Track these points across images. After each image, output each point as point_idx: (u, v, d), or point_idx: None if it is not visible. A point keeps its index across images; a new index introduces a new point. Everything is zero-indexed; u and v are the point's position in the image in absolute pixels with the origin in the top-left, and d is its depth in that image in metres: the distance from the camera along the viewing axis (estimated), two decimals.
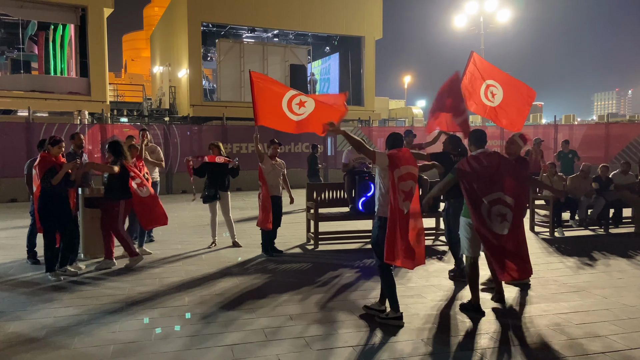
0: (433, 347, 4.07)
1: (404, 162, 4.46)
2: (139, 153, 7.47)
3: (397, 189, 4.39)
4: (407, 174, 4.44)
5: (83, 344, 4.11)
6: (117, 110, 25.45)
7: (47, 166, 5.89)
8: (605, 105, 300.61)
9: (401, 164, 4.44)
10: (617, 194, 9.13)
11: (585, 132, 21.06)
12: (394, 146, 4.67)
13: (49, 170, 5.87)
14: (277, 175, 7.29)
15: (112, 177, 6.49)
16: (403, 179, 4.41)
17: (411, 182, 4.45)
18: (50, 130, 14.10)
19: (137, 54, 65.15)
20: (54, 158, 5.99)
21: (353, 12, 25.78)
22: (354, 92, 27.18)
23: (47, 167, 5.88)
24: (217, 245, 7.87)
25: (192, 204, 12.73)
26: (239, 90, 24.69)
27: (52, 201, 5.94)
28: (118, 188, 6.52)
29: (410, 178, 4.44)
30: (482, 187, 4.66)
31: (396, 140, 4.72)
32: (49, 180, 5.83)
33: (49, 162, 5.92)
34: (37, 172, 5.92)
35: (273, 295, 5.39)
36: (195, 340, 4.21)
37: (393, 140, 4.73)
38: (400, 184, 4.40)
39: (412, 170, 4.48)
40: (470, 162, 4.79)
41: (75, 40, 21.39)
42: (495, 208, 4.63)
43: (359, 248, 7.74)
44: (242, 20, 24.11)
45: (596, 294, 5.43)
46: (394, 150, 4.60)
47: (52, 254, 6.02)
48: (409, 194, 4.43)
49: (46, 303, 5.15)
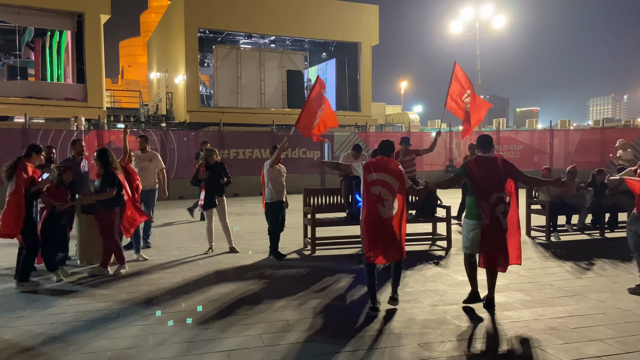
0: (430, 352, 4.07)
1: (378, 169, 4.93)
2: (123, 148, 7.29)
3: (369, 192, 4.91)
4: (378, 180, 4.90)
5: (79, 351, 4.10)
6: (114, 117, 25.43)
7: (28, 176, 5.91)
8: (600, 110, 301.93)
9: (374, 170, 4.93)
10: (612, 198, 9.17)
11: (581, 137, 21.14)
12: (382, 153, 5.11)
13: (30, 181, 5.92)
14: (282, 180, 7.44)
15: (105, 186, 6.47)
16: (373, 184, 4.89)
17: (380, 187, 4.89)
18: (46, 137, 14.09)
19: (134, 60, 65.17)
20: (31, 167, 6.02)
21: (350, 18, 25.89)
22: (350, 97, 27.26)
23: (28, 177, 5.91)
24: (214, 250, 7.86)
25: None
26: (236, 96, 24.72)
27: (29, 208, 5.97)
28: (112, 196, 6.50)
29: (379, 184, 4.89)
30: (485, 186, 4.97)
31: (386, 149, 5.13)
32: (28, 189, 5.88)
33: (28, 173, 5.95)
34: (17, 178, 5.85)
35: (270, 300, 5.39)
36: (192, 345, 4.20)
37: (382, 148, 5.15)
38: (371, 188, 4.90)
39: (384, 177, 4.91)
40: (473, 163, 5.11)
41: (72, 47, 21.41)
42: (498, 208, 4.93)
43: (356, 253, 7.74)
44: (239, 26, 24.18)
45: (592, 298, 5.45)
46: (374, 159, 5.10)
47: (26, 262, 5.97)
48: (379, 197, 4.88)
49: (42, 309, 5.13)
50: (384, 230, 4.90)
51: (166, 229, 10.02)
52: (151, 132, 16.98)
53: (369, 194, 4.92)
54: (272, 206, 7.36)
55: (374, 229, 4.89)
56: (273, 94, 25.66)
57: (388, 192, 4.91)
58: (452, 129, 21.73)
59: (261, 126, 21.23)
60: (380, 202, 4.88)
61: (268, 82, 25.52)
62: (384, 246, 4.90)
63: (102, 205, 6.50)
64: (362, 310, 5.07)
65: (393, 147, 5.17)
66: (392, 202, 4.93)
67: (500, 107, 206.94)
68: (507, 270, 5.04)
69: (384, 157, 5.07)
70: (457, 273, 6.41)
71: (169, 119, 25.71)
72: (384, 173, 4.93)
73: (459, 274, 6.36)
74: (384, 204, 4.88)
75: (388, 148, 5.13)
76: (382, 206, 4.88)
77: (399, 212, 4.98)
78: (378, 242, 4.89)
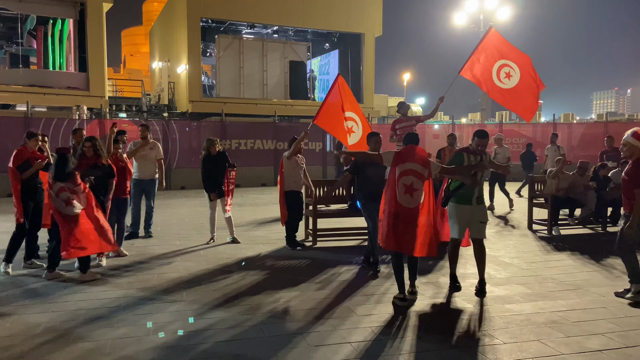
0: (431, 344, 4.08)
1: (410, 159, 4.96)
2: (108, 146, 6.90)
3: (398, 183, 4.90)
4: (410, 170, 4.92)
5: (81, 339, 4.12)
6: (116, 106, 25.40)
7: (21, 160, 6.05)
8: (604, 104, 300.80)
9: (406, 160, 4.96)
10: (614, 192, 9.14)
11: (584, 131, 21.07)
12: (409, 142, 5.16)
13: (23, 164, 6.03)
14: (299, 171, 7.50)
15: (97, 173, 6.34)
16: (405, 174, 4.91)
17: (412, 177, 4.91)
18: (48, 125, 14.08)
19: (136, 49, 65.03)
20: (30, 152, 6.14)
21: (353, 8, 25.72)
22: (353, 89, 26.99)
23: (21, 161, 6.05)
24: (215, 241, 7.87)
25: (192, 200, 12.73)
26: (238, 87, 24.64)
27: (27, 193, 6.09)
28: (106, 185, 6.46)
29: (411, 174, 4.91)
30: None
31: (413, 139, 5.22)
32: (20, 173, 5.99)
33: (23, 156, 6.09)
34: (12, 164, 6.03)
35: (271, 291, 5.40)
36: (192, 335, 4.21)
37: (409, 138, 5.23)
38: (402, 179, 4.90)
39: (414, 167, 4.93)
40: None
41: (74, 35, 21.33)
42: None
43: (357, 245, 7.74)
44: (242, 16, 24.04)
45: (593, 292, 5.45)
46: (403, 148, 5.14)
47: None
48: (409, 188, 4.89)
49: (44, 297, 5.14)
50: (405, 220, 4.87)
51: (168, 219, 10.03)
52: (153, 122, 16.94)
53: (399, 185, 4.89)
54: (287, 196, 7.39)
55: (395, 219, 4.86)
56: (275, 85, 25.58)
57: (419, 182, 4.93)
58: (454, 121, 21.66)
59: (263, 117, 21.18)
60: (409, 193, 4.89)
61: (270, 72, 25.42)
62: (400, 234, 4.87)
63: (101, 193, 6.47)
64: (363, 301, 5.08)
65: (418, 138, 5.29)
66: (421, 191, 4.95)
67: None
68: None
69: (412, 145, 5.11)
70: (458, 266, 6.39)
71: (171, 109, 25.66)
72: (414, 162, 4.96)
73: (460, 266, 6.35)
74: (412, 194, 4.90)
75: (414, 138, 5.22)
76: (411, 197, 4.89)
77: (425, 202, 4.97)
78: (396, 231, 4.86)
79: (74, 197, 5.66)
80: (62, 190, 5.63)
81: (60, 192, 5.63)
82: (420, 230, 4.94)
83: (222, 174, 7.75)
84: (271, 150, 17.23)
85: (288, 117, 23.88)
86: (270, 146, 17.30)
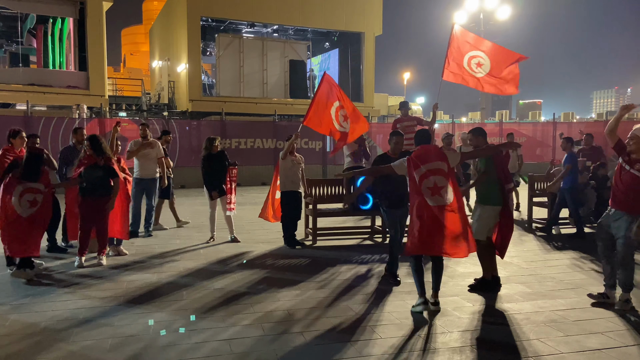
0: (430, 344, 4.09)
1: (425, 160, 4.72)
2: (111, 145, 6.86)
3: (421, 187, 4.67)
4: (428, 171, 4.68)
5: (81, 338, 4.12)
6: (116, 105, 25.41)
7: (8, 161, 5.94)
8: (604, 103, 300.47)
9: (422, 163, 4.71)
10: None
11: (584, 130, 21.03)
12: (420, 142, 4.97)
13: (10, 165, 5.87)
14: (297, 171, 7.46)
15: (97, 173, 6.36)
16: (425, 177, 4.67)
17: (433, 177, 4.66)
18: (48, 125, 14.07)
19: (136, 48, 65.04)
20: (16, 150, 6.08)
21: (353, 7, 25.72)
22: (353, 88, 27.15)
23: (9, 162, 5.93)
24: (215, 240, 7.87)
25: (192, 199, 12.73)
26: (238, 86, 24.66)
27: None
28: (106, 184, 6.43)
29: (432, 174, 4.67)
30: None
31: (423, 137, 5.03)
32: (7, 174, 5.83)
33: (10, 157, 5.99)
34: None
35: (271, 290, 5.41)
36: (193, 334, 4.22)
37: (420, 137, 5.05)
38: (424, 182, 4.67)
39: (432, 167, 4.70)
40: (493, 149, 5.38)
41: (74, 34, 21.35)
42: None
43: (357, 244, 7.75)
44: (242, 15, 24.05)
45: (593, 291, 5.44)
46: (414, 152, 4.87)
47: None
48: (434, 189, 4.66)
49: (44, 296, 5.15)
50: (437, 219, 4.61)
51: (168, 218, 10.02)
52: (153, 120, 16.92)
53: (423, 189, 4.65)
54: (283, 195, 7.39)
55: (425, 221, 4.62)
56: (275, 84, 25.59)
57: (443, 178, 4.68)
58: (454, 120, 21.66)
59: (263, 116, 21.19)
60: (437, 194, 4.63)
61: (270, 71, 25.44)
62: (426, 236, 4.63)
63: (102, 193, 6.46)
64: (362, 300, 5.09)
65: (429, 135, 5.12)
66: (447, 188, 4.69)
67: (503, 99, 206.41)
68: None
69: (423, 145, 4.93)
70: (458, 265, 6.41)
71: (171, 108, 25.68)
72: (431, 162, 4.72)
73: (460, 265, 6.37)
74: (440, 193, 4.64)
75: (425, 136, 5.03)
76: (440, 196, 4.63)
77: (454, 201, 4.69)
78: (429, 232, 4.61)
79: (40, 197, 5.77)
80: (29, 191, 5.69)
81: (26, 193, 5.68)
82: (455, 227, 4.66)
83: (223, 173, 7.76)
84: (271, 149, 17.23)
85: (288, 116, 23.88)
86: (270, 145, 17.29)
